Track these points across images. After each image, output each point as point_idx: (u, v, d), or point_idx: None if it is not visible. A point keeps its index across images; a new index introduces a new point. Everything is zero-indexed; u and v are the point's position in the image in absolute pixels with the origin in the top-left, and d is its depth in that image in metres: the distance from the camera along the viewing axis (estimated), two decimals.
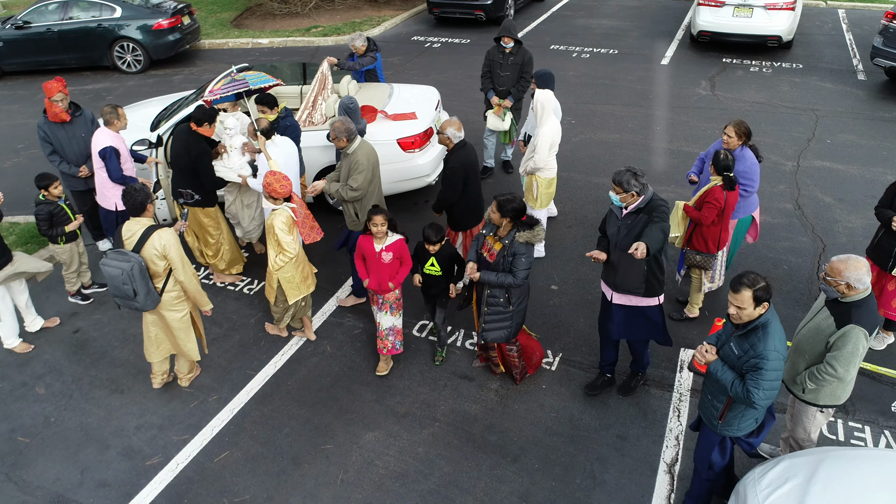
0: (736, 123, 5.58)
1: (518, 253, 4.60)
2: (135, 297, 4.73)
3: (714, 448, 3.95)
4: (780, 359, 3.46)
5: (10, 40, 13.10)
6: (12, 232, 7.68)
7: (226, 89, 6.30)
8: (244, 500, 4.56)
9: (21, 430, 5.18)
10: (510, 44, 7.78)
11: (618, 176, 4.39)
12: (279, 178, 5.16)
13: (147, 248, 4.73)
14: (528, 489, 4.56)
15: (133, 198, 4.74)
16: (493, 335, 4.96)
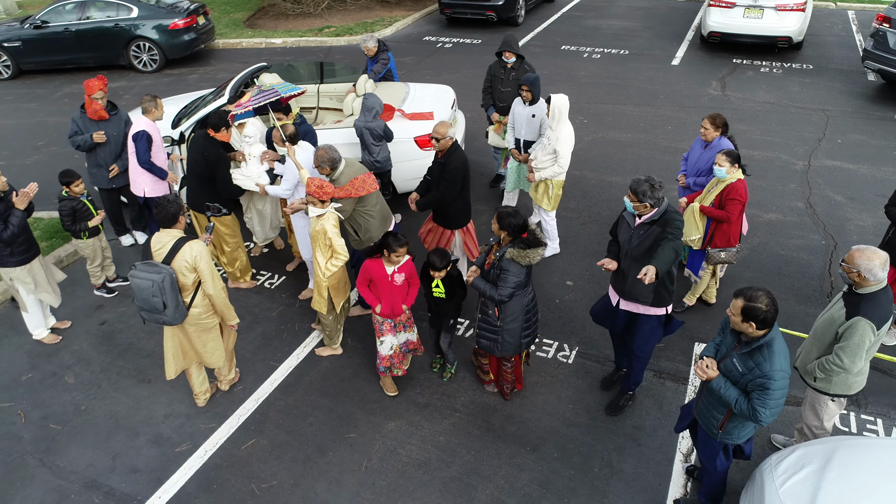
0: (711, 116, 5.73)
1: (504, 269, 4.50)
2: (164, 310, 4.61)
3: (719, 454, 4.00)
4: (786, 377, 3.46)
5: (29, 39, 13.30)
6: (36, 227, 7.84)
7: (257, 100, 6.23)
8: (271, 486, 4.70)
9: (52, 417, 5.33)
10: (512, 59, 7.51)
11: (635, 184, 4.31)
12: (321, 183, 5.00)
13: (177, 260, 4.62)
14: (548, 477, 4.68)
15: (165, 209, 4.65)
16: (483, 343, 4.93)
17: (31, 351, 6.04)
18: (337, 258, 5.10)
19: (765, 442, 4.89)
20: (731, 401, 3.59)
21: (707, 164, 5.89)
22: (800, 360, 4.33)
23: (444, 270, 4.90)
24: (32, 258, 5.68)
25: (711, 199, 5.52)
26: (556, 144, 6.27)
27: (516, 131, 7.00)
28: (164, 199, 4.67)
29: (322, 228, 5.05)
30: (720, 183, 5.48)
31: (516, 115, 6.96)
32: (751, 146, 9.18)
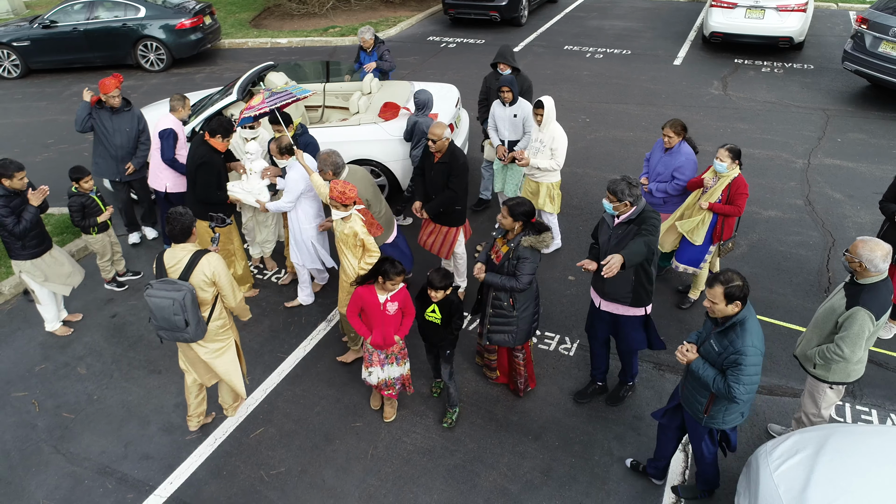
0: (673, 123, 5.78)
1: (522, 257, 4.57)
2: (185, 328, 4.43)
3: (705, 439, 4.12)
4: (759, 354, 3.60)
5: (37, 39, 13.46)
6: (47, 223, 7.96)
7: (272, 101, 6.04)
8: (280, 473, 4.82)
9: (66, 406, 5.46)
10: (507, 71, 7.29)
11: (612, 184, 4.39)
12: (345, 184, 4.93)
13: (196, 275, 4.44)
14: (550, 465, 4.79)
15: (179, 222, 4.45)
16: (497, 338, 4.95)
17: (44, 342, 6.18)
18: (371, 255, 5.05)
19: (762, 432, 4.99)
20: (710, 380, 3.72)
21: (666, 169, 5.93)
22: (800, 349, 4.45)
23: (442, 291, 4.57)
24: (43, 252, 5.81)
25: (718, 196, 5.57)
26: (551, 144, 6.34)
27: (500, 133, 7.01)
28: (176, 213, 4.47)
29: (352, 231, 5.00)
30: (722, 179, 5.55)
31: (497, 118, 6.95)
32: (751, 145, 9.28)
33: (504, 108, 6.85)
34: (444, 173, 5.73)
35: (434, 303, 4.67)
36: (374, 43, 8.92)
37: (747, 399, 3.67)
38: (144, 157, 7.16)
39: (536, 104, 6.26)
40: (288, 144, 5.79)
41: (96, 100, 6.89)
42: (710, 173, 5.66)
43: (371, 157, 7.63)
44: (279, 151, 5.82)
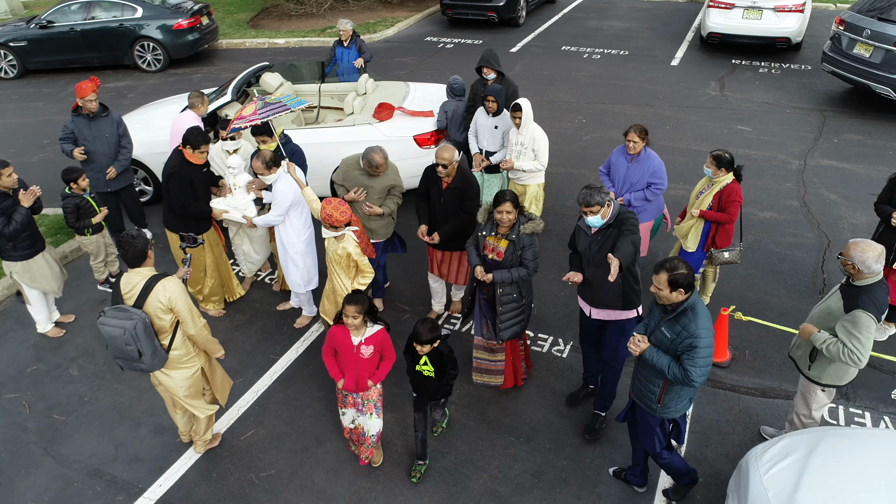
0: (637, 129, 5.67)
1: (526, 245, 4.68)
2: (140, 358, 4.19)
3: (656, 431, 4.11)
4: (711, 336, 3.66)
5: (35, 39, 13.45)
6: (41, 224, 7.96)
7: (264, 113, 5.73)
8: (270, 475, 4.80)
9: (57, 408, 5.45)
10: (491, 75, 7.19)
11: (586, 197, 4.29)
12: (336, 206, 4.74)
13: (151, 302, 4.16)
14: (541, 467, 4.78)
15: (132, 246, 4.16)
16: (510, 332, 4.96)
17: (36, 344, 6.16)
18: (365, 276, 4.97)
19: (755, 434, 4.98)
20: (664, 367, 3.75)
21: (641, 177, 5.78)
22: (793, 351, 4.43)
23: (429, 345, 4.21)
24: (36, 253, 5.80)
25: (709, 203, 5.52)
26: (532, 145, 6.29)
27: (479, 142, 6.90)
28: (129, 236, 4.18)
29: (345, 251, 4.88)
30: (714, 185, 5.50)
31: (479, 125, 6.85)
32: (748, 146, 9.27)
33: (487, 118, 6.73)
34: (457, 198, 5.49)
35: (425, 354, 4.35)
36: (352, 36, 9.09)
37: (702, 381, 3.71)
38: (127, 162, 6.95)
39: (514, 107, 6.14)
40: (272, 158, 5.54)
41: (75, 106, 6.73)
42: (705, 180, 5.63)
43: None
44: (265, 167, 5.51)
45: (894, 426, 4.98)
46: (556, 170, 8.71)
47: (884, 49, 9.36)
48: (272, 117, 5.78)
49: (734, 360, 5.67)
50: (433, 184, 5.59)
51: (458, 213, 5.54)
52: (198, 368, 4.58)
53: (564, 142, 9.61)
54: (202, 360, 4.63)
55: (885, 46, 9.32)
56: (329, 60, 9.47)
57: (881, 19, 9.52)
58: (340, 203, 4.77)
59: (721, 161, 5.38)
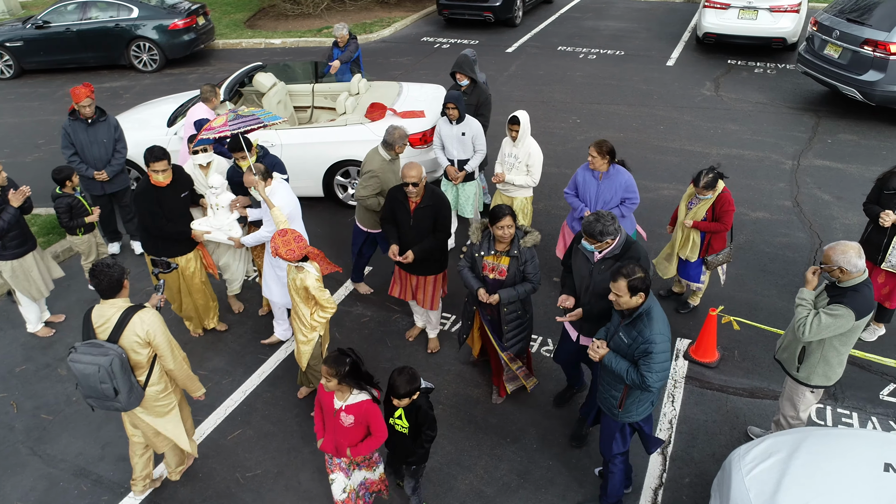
0: (598, 143, 5.41)
1: (528, 258, 4.57)
2: (116, 397, 3.90)
3: (615, 436, 4.08)
4: (667, 341, 3.65)
5: (31, 39, 13.46)
6: (34, 224, 7.96)
7: (236, 125, 5.32)
8: (256, 475, 4.80)
9: (45, 407, 5.45)
10: (464, 81, 6.95)
11: (589, 227, 4.07)
12: (287, 241, 4.39)
13: (127, 336, 3.87)
14: (527, 467, 4.77)
15: (106, 276, 3.84)
16: (519, 346, 4.90)
17: (25, 343, 6.17)
18: (324, 311, 4.66)
19: (741, 434, 4.97)
20: (623, 372, 3.74)
21: (615, 194, 5.50)
22: (780, 353, 4.42)
23: (407, 399, 3.71)
24: (26, 253, 5.80)
25: (703, 214, 5.51)
26: (527, 160, 6.08)
27: (447, 152, 6.62)
28: (103, 265, 3.87)
29: (303, 284, 4.53)
30: (705, 196, 5.46)
31: (444, 136, 6.56)
32: (741, 146, 9.26)
33: (451, 126, 6.47)
34: (428, 218, 5.16)
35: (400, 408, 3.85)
36: (349, 38, 9.19)
37: (659, 387, 3.70)
38: (120, 166, 6.89)
39: (512, 119, 5.96)
40: (267, 169, 5.24)
41: (71, 108, 6.67)
42: (692, 188, 5.58)
43: (357, 158, 7.60)
44: (262, 177, 5.17)
45: (882, 427, 4.97)
46: (549, 170, 8.69)
47: (851, 50, 9.38)
48: (242, 130, 5.39)
49: (723, 360, 5.66)
50: (399, 207, 5.19)
51: (431, 234, 5.21)
52: (174, 405, 4.32)
53: (558, 142, 9.61)
54: (178, 397, 4.37)
55: (853, 48, 9.35)
56: (327, 61, 9.48)
57: (850, 20, 9.54)
58: (295, 238, 4.40)
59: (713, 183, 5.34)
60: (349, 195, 8.06)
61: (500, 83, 12.01)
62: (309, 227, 7.79)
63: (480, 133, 6.53)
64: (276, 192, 5.26)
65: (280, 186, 5.32)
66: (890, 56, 8.90)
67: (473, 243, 4.70)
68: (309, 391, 5.39)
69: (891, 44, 8.86)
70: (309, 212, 8.10)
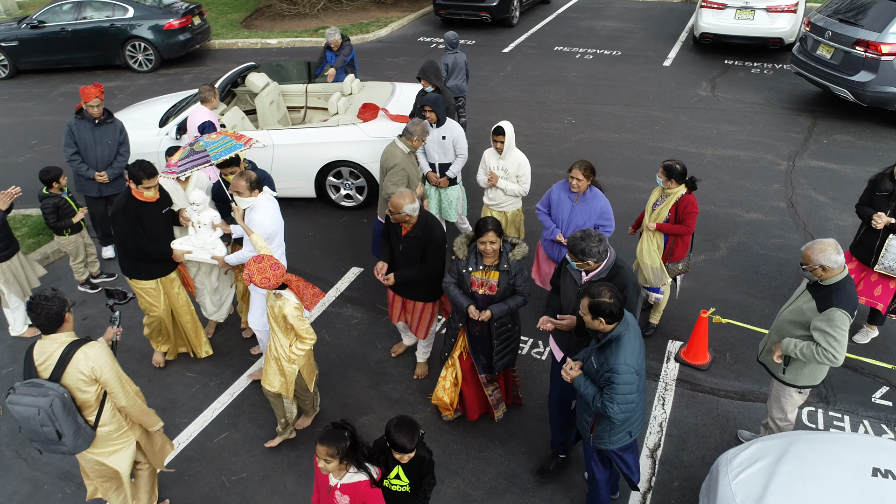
0: (583, 166, 5.09)
1: (517, 271, 4.41)
2: (60, 440, 3.59)
3: (592, 458, 3.98)
4: (631, 372, 3.45)
5: (26, 39, 13.42)
6: (25, 224, 7.94)
7: (184, 165, 5.30)
8: (241, 479, 4.76)
9: None
10: (429, 88, 6.88)
11: (572, 243, 3.91)
12: (263, 268, 4.13)
13: (70, 373, 3.57)
14: (515, 471, 4.73)
15: (44, 309, 3.53)
16: (505, 360, 4.70)
17: (12, 345, 6.13)
18: (303, 343, 4.39)
19: (732, 438, 4.93)
20: (590, 398, 3.59)
21: (588, 219, 5.19)
22: (763, 356, 4.38)
23: (409, 455, 3.37)
24: (10, 256, 5.77)
25: (665, 215, 5.32)
26: (516, 171, 5.87)
27: (428, 156, 6.51)
28: (41, 298, 3.55)
29: (281, 312, 4.29)
30: (668, 198, 5.30)
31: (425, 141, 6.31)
32: (737, 146, 9.22)
33: (432, 130, 6.36)
34: (416, 249, 4.87)
35: (399, 464, 3.45)
36: (342, 42, 9.20)
37: (623, 419, 3.54)
38: (121, 169, 6.80)
39: (496, 130, 5.72)
40: (257, 180, 4.93)
41: (79, 107, 6.60)
42: (658, 191, 5.45)
43: (349, 159, 7.57)
44: (248, 187, 4.86)
45: (874, 430, 4.93)
46: (543, 170, 8.66)
47: (843, 50, 9.34)
48: (191, 171, 5.35)
49: (714, 362, 5.62)
50: (393, 229, 4.96)
51: (419, 264, 4.93)
52: (133, 444, 3.99)
53: (552, 142, 9.57)
54: (138, 433, 4.04)
55: (844, 48, 9.31)
56: (319, 63, 9.45)
57: (843, 21, 9.51)
58: (271, 265, 4.15)
59: (672, 172, 5.19)
60: (341, 195, 8.03)
61: (495, 83, 11.98)
62: (300, 227, 7.77)
63: (462, 136, 6.42)
64: (260, 208, 4.94)
65: (266, 202, 5.00)
66: (881, 57, 8.86)
67: (459, 258, 4.49)
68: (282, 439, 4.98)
69: (882, 44, 8.83)
70: (301, 212, 8.08)
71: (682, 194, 5.26)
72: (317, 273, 6.98)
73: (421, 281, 4.95)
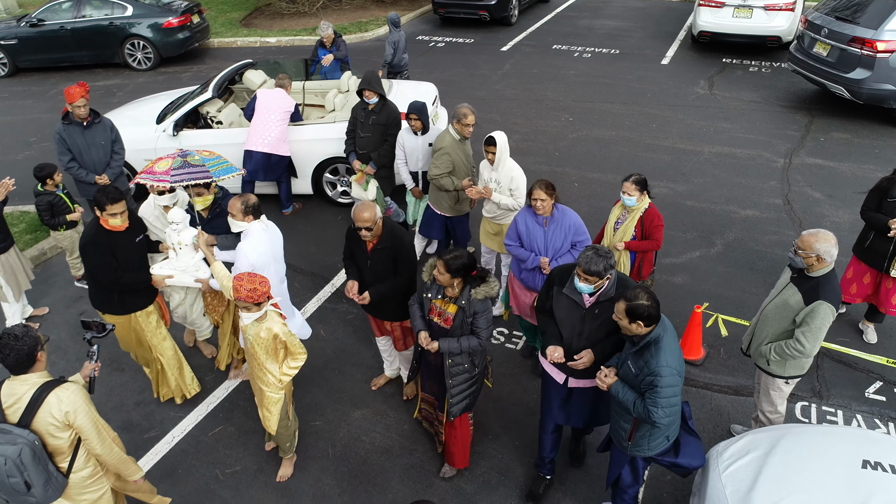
0: (545, 183, 4.76)
1: (479, 311, 4.03)
2: (29, 491, 3.30)
3: (623, 468, 3.87)
4: (674, 374, 3.36)
5: (25, 38, 13.43)
6: (22, 220, 7.95)
7: (179, 176, 4.73)
8: (235, 472, 4.77)
9: None
10: (373, 98, 6.54)
11: (587, 263, 3.62)
12: (252, 279, 3.87)
13: (42, 418, 3.28)
14: (508, 465, 4.74)
15: (13, 349, 3.25)
16: (460, 406, 4.30)
17: None
18: (295, 359, 4.15)
19: (725, 432, 4.94)
20: (630, 404, 3.50)
21: (564, 241, 4.80)
22: (751, 348, 4.39)
23: None
24: (8, 248, 5.79)
25: (631, 233, 5.04)
26: (510, 184, 5.55)
27: (412, 164, 6.30)
28: (11, 336, 3.28)
29: (270, 333, 3.99)
30: (632, 213, 5.04)
31: (408, 149, 6.24)
32: (734, 144, 9.22)
33: (417, 138, 6.16)
34: (386, 260, 4.57)
35: None
36: (335, 37, 9.30)
37: (668, 423, 3.46)
38: (119, 168, 6.72)
39: (487, 140, 5.43)
40: (254, 205, 4.56)
41: (64, 111, 6.48)
42: (619, 208, 5.16)
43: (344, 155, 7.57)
44: (242, 212, 4.53)
45: (867, 425, 4.93)
46: (539, 167, 8.68)
47: (839, 48, 9.35)
48: (185, 183, 4.75)
49: (708, 357, 5.63)
50: (357, 246, 4.66)
51: (392, 276, 4.63)
52: (106, 490, 3.72)
53: (549, 140, 9.58)
54: (111, 479, 3.79)
55: (841, 45, 9.32)
56: (312, 59, 9.46)
57: (839, 19, 9.52)
58: (251, 276, 3.89)
59: (644, 184, 4.95)
60: (338, 192, 8.04)
61: (493, 81, 11.99)
62: (297, 224, 7.79)
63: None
64: (251, 237, 4.55)
65: (259, 231, 4.59)
66: (877, 54, 8.86)
67: (424, 282, 4.19)
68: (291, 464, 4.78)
69: (878, 41, 8.83)
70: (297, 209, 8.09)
71: (646, 208, 5.02)
72: (313, 269, 6.99)
73: (393, 298, 4.65)
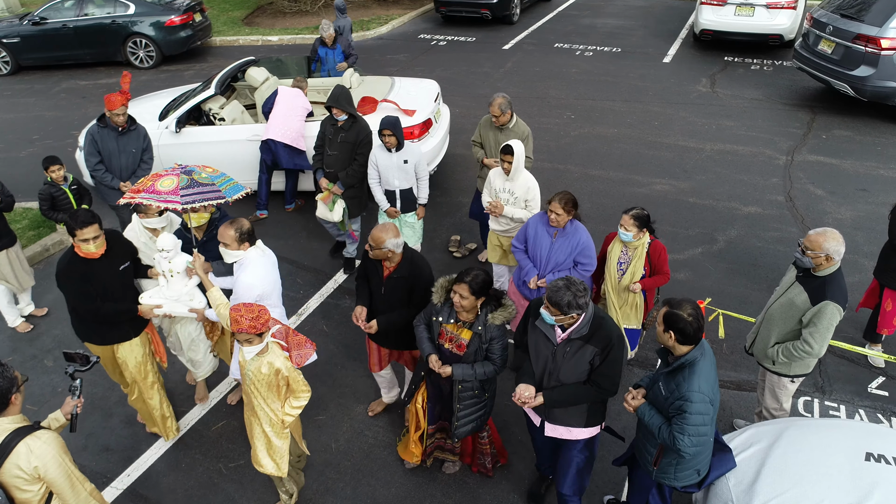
0: (564, 197, 4.54)
1: (496, 337, 3.82)
2: None
3: (650, 492, 3.72)
4: (706, 401, 3.16)
5: (28, 36, 13.46)
6: (25, 216, 7.97)
7: (190, 197, 4.17)
8: (238, 466, 4.78)
9: (30, 398, 5.44)
10: (342, 116, 6.21)
11: (554, 295, 3.31)
12: (251, 308, 3.48)
13: (8, 469, 2.93)
14: (511, 459, 4.74)
15: None
16: (466, 429, 4.13)
17: (13, 335, 6.16)
18: (298, 398, 3.80)
19: (727, 427, 4.94)
20: (655, 429, 3.32)
21: (567, 257, 4.66)
22: (755, 347, 4.39)
23: None
24: (5, 247, 5.81)
25: (640, 272, 4.72)
26: (525, 195, 5.33)
27: (387, 182, 5.92)
28: None
29: (272, 368, 3.65)
30: (635, 252, 4.72)
31: (382, 167, 5.85)
32: (736, 141, 9.23)
33: (390, 155, 5.79)
34: (400, 290, 4.31)
35: None
36: (335, 36, 9.33)
37: (694, 453, 3.24)
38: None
39: (504, 149, 5.18)
40: (249, 231, 4.17)
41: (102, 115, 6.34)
42: (618, 245, 4.78)
43: None
44: (237, 239, 4.11)
45: (869, 420, 4.93)
46: (542, 164, 8.68)
47: (844, 45, 9.35)
48: (198, 204, 4.19)
49: None
50: (372, 269, 4.38)
51: (404, 307, 4.35)
52: None
53: (551, 137, 9.59)
54: None
55: (845, 43, 9.32)
56: (312, 58, 9.47)
57: (844, 16, 9.53)
58: (248, 307, 3.49)
59: (643, 221, 4.59)
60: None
61: (495, 79, 12.00)
62: (299, 220, 7.80)
63: (423, 159, 5.98)
64: (249, 266, 4.14)
65: (257, 258, 4.19)
66: (881, 51, 8.86)
67: (434, 304, 3.98)
68: None
69: (882, 39, 8.83)
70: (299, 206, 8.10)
71: (650, 243, 4.72)
72: (315, 265, 7.01)
73: (404, 329, 4.38)
